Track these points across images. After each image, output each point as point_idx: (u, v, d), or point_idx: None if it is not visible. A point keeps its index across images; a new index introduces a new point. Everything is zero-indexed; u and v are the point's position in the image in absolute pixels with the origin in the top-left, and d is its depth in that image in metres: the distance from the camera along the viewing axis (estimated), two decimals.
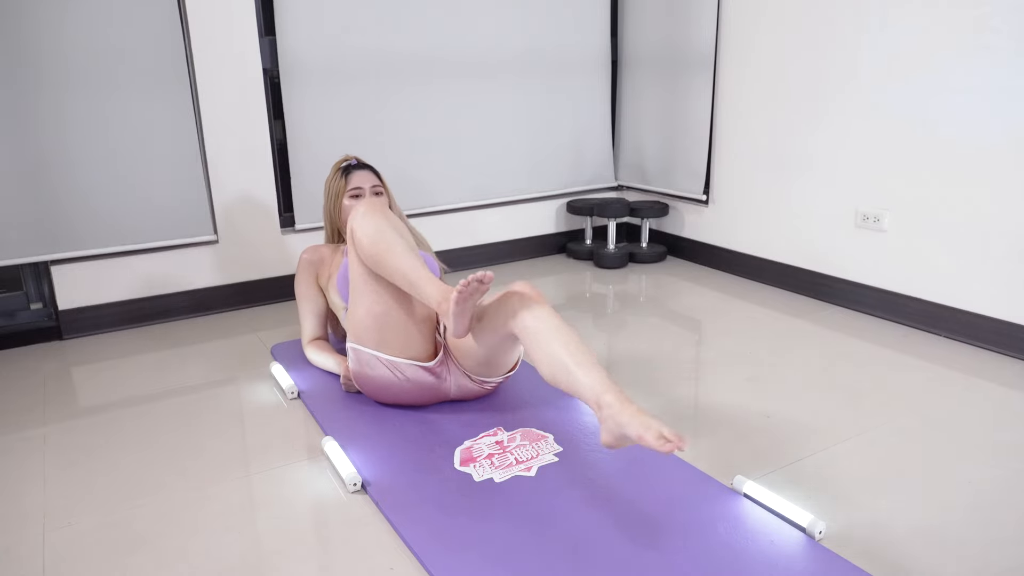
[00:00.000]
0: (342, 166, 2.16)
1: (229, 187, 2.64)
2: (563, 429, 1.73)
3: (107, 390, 2.08)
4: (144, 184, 2.50)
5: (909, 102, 2.29)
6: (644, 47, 3.24)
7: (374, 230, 1.68)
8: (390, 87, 2.85)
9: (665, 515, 1.39)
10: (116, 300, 2.56)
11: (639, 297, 2.82)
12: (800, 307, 2.62)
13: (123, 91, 2.41)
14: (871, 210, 2.46)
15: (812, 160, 2.63)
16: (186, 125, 2.53)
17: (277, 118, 2.74)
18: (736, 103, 2.88)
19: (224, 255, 2.70)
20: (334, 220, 2.18)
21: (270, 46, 2.64)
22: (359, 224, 1.70)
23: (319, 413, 1.85)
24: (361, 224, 1.70)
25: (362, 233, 1.69)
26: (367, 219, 1.70)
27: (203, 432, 1.81)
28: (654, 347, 2.28)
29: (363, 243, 1.68)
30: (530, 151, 3.25)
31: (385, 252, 1.66)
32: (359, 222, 1.71)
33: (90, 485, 1.59)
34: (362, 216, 1.71)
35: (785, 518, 1.37)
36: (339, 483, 1.56)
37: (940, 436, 1.71)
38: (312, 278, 2.12)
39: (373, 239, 1.67)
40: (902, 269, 2.40)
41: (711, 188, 3.08)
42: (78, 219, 2.43)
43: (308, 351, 2.10)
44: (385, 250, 1.66)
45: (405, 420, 1.78)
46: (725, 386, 1.99)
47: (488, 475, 1.54)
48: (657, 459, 1.58)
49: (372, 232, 1.68)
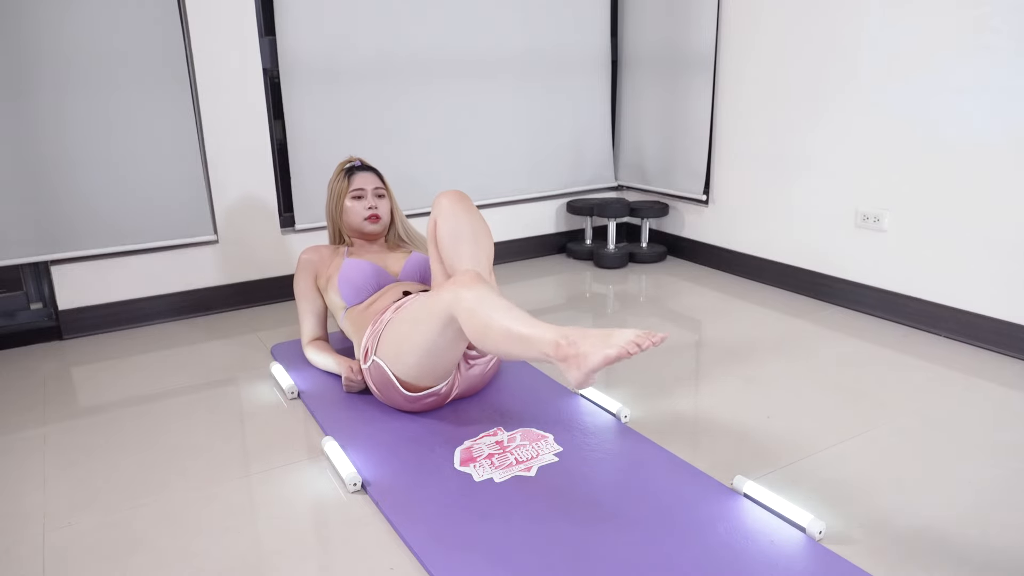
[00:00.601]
0: (345, 167, 2.17)
1: (229, 187, 2.65)
2: (563, 429, 1.73)
3: (107, 390, 2.08)
4: (144, 184, 2.50)
5: (909, 102, 2.29)
6: (644, 47, 3.24)
7: (478, 299, 1.48)
8: (390, 87, 2.85)
9: (665, 515, 1.39)
10: (116, 300, 2.56)
11: (639, 297, 2.82)
12: (800, 307, 2.62)
13: (123, 91, 2.41)
14: (871, 210, 2.46)
15: (812, 160, 2.63)
16: (186, 125, 2.53)
17: (277, 118, 2.74)
18: (736, 103, 2.88)
19: (224, 255, 2.70)
20: (336, 220, 2.18)
21: (270, 46, 2.64)
22: (463, 296, 1.50)
23: (319, 413, 1.85)
24: (463, 296, 1.50)
25: (464, 307, 1.49)
26: (471, 291, 1.50)
27: (203, 432, 1.81)
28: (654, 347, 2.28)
29: (464, 317, 1.49)
30: (530, 151, 3.25)
31: (490, 323, 1.46)
32: (463, 293, 1.50)
33: (90, 485, 1.59)
34: (467, 289, 1.51)
35: (785, 518, 1.37)
36: (339, 483, 1.56)
37: (940, 436, 1.71)
38: (311, 278, 2.12)
39: (475, 311, 1.47)
40: (902, 269, 2.40)
41: (711, 188, 3.08)
42: (78, 219, 2.43)
43: (308, 351, 2.10)
44: (491, 320, 1.45)
45: (405, 420, 1.79)
46: (725, 386, 1.99)
47: (488, 475, 1.54)
48: (658, 459, 1.58)
49: (476, 302, 1.48)
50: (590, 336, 1.35)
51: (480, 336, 1.47)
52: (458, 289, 1.52)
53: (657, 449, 1.63)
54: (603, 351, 1.31)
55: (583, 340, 1.34)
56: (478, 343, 1.49)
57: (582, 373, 1.34)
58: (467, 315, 1.49)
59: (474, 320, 1.47)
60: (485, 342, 1.47)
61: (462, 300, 1.50)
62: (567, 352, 1.35)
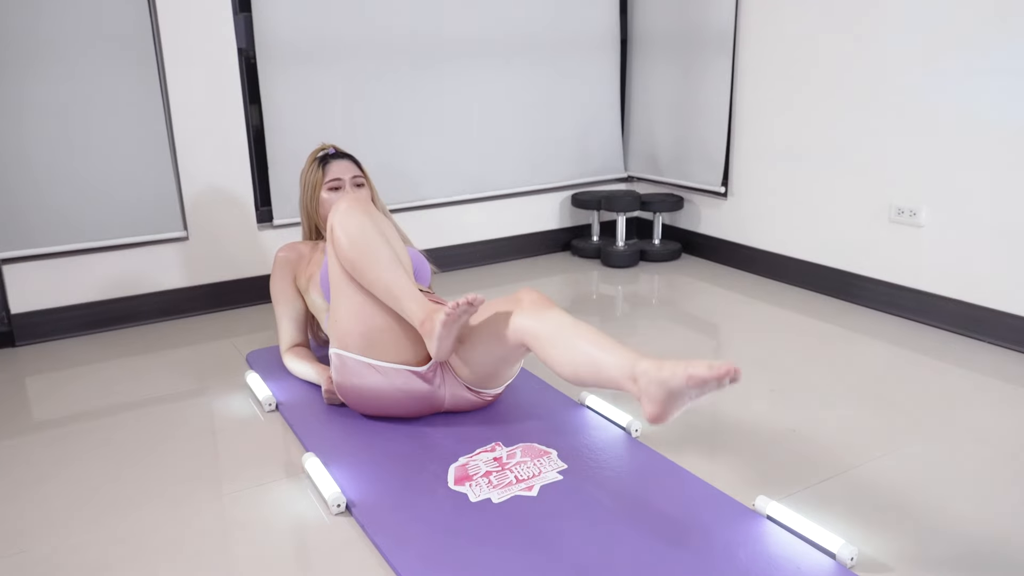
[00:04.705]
0: (319, 155, 2.16)
1: (200, 178, 2.64)
2: (568, 444, 1.72)
3: (65, 402, 2.07)
4: (106, 175, 2.50)
5: (948, 84, 2.29)
6: (657, 24, 3.24)
7: (357, 231, 1.69)
8: (377, 69, 2.85)
9: (680, 539, 1.38)
10: (75, 303, 2.55)
11: (651, 299, 2.81)
12: (828, 310, 2.62)
13: (82, 72, 2.41)
14: (906, 203, 2.46)
15: (841, 147, 2.63)
16: (153, 111, 2.52)
17: (253, 102, 2.74)
18: (758, 85, 2.88)
19: (195, 253, 2.69)
20: (311, 215, 2.18)
21: (245, 23, 2.64)
22: (339, 223, 1.70)
23: (299, 427, 1.84)
24: (342, 223, 1.70)
25: (342, 232, 1.69)
26: (349, 218, 1.70)
27: (171, 449, 1.80)
28: (667, 353, 2.27)
29: (343, 245, 1.69)
30: (531, 139, 3.25)
31: (366, 258, 1.67)
32: (339, 219, 1.71)
33: (45, 508, 1.58)
34: (343, 214, 1.71)
35: (813, 543, 1.37)
36: (321, 504, 1.55)
37: (985, 452, 1.70)
38: (290, 278, 2.12)
39: (354, 241, 1.68)
40: (941, 268, 2.40)
41: (730, 179, 3.08)
42: (32, 214, 2.42)
43: (287, 359, 2.10)
44: (366, 255, 1.67)
45: (394, 435, 1.78)
46: (746, 397, 1.99)
47: (485, 495, 1.53)
48: (672, 477, 1.58)
49: (355, 233, 1.68)
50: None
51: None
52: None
53: (671, 466, 1.63)
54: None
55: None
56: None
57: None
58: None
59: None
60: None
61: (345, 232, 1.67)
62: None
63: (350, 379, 1.76)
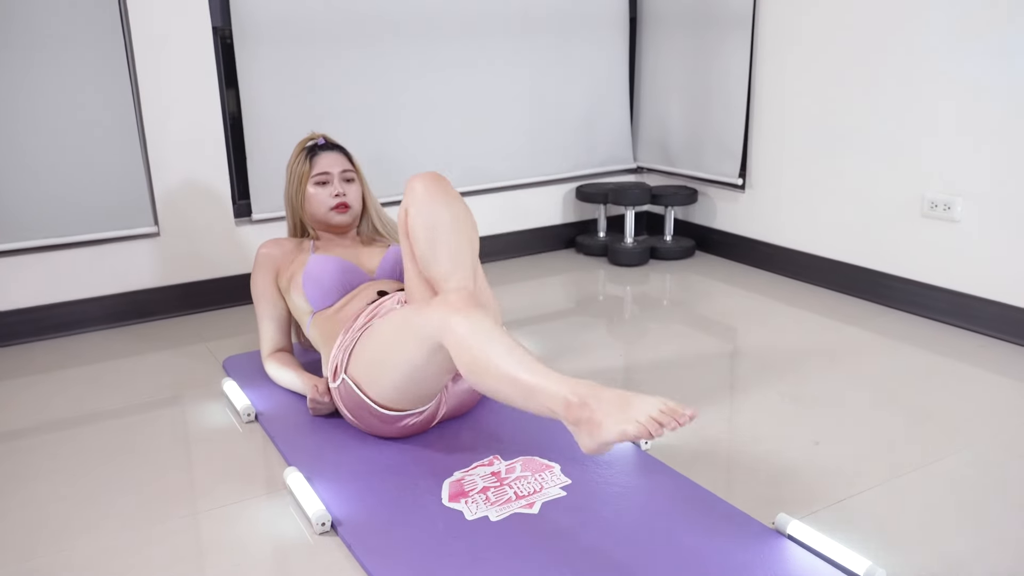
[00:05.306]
0: (307, 146, 2.17)
1: (173, 169, 2.64)
2: (571, 458, 1.73)
3: (23, 412, 2.07)
4: (70, 166, 2.50)
5: (986, 67, 2.29)
6: (668, 1, 3.24)
7: (474, 331, 1.49)
8: (366, 50, 2.85)
9: (693, 561, 1.38)
10: (36, 304, 2.55)
11: (662, 300, 2.82)
12: (854, 312, 2.63)
13: (42, 54, 2.40)
14: (941, 196, 2.46)
15: (870, 136, 2.63)
16: (120, 94, 2.53)
17: (230, 87, 2.74)
18: (779, 68, 2.89)
19: (167, 251, 2.70)
20: (297, 210, 2.18)
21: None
22: (454, 324, 1.51)
23: (281, 439, 1.84)
24: (455, 324, 1.51)
25: (455, 339, 1.50)
26: (465, 319, 1.51)
27: (139, 463, 1.80)
28: (680, 359, 2.28)
29: (456, 351, 1.51)
30: (532, 127, 3.25)
31: (488, 363, 1.47)
32: (454, 320, 1.51)
33: (2, 526, 1.58)
34: (462, 316, 1.51)
35: (837, 564, 1.37)
36: (304, 523, 1.55)
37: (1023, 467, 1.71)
38: (272, 277, 2.12)
39: (470, 347, 1.48)
40: (977, 266, 2.41)
41: (748, 170, 3.08)
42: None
43: (269, 365, 2.10)
44: (489, 361, 1.47)
45: (384, 448, 1.78)
46: (765, 406, 1.99)
47: (482, 513, 1.54)
48: (685, 494, 1.58)
49: (471, 335, 1.49)
50: (605, 400, 1.36)
51: (475, 375, 1.49)
52: (448, 314, 1.52)
53: (683, 481, 1.63)
54: (620, 426, 1.32)
55: (598, 404, 1.35)
56: (472, 383, 1.51)
57: (595, 443, 1.36)
58: (459, 349, 1.50)
59: (467, 356, 1.49)
60: (480, 383, 1.49)
61: (453, 329, 1.51)
62: (579, 415, 1.37)
63: (347, 401, 1.77)
